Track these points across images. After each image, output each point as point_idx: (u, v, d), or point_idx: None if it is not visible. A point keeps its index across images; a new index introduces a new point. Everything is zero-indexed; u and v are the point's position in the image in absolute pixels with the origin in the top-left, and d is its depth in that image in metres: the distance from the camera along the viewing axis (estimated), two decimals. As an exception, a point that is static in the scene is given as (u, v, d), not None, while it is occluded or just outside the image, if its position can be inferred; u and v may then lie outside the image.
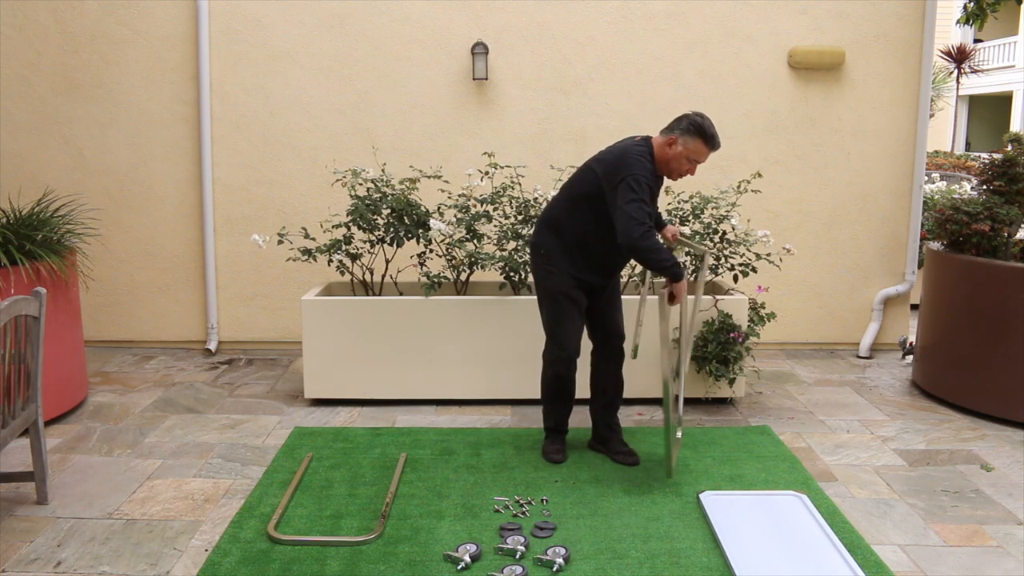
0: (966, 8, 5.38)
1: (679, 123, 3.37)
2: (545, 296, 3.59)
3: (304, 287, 5.48)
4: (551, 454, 3.72)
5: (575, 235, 3.50)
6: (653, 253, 3.29)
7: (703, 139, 3.34)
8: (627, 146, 3.41)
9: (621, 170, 3.30)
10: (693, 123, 3.34)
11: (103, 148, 5.41)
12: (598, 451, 3.81)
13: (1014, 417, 4.22)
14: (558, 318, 3.56)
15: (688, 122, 3.35)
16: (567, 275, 3.51)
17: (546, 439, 3.82)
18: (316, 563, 2.85)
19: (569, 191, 3.55)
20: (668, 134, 3.39)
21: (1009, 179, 4.53)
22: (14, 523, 3.13)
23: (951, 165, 12.48)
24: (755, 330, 4.43)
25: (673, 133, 3.37)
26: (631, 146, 3.40)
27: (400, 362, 4.41)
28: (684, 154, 3.36)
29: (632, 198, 3.25)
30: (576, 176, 3.55)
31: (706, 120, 3.37)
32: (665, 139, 3.39)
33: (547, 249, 3.55)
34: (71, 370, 4.28)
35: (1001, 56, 24.48)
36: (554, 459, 3.70)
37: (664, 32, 5.38)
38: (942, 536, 3.10)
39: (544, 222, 3.61)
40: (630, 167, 3.29)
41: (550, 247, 3.54)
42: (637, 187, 3.26)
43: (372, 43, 5.34)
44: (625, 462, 3.67)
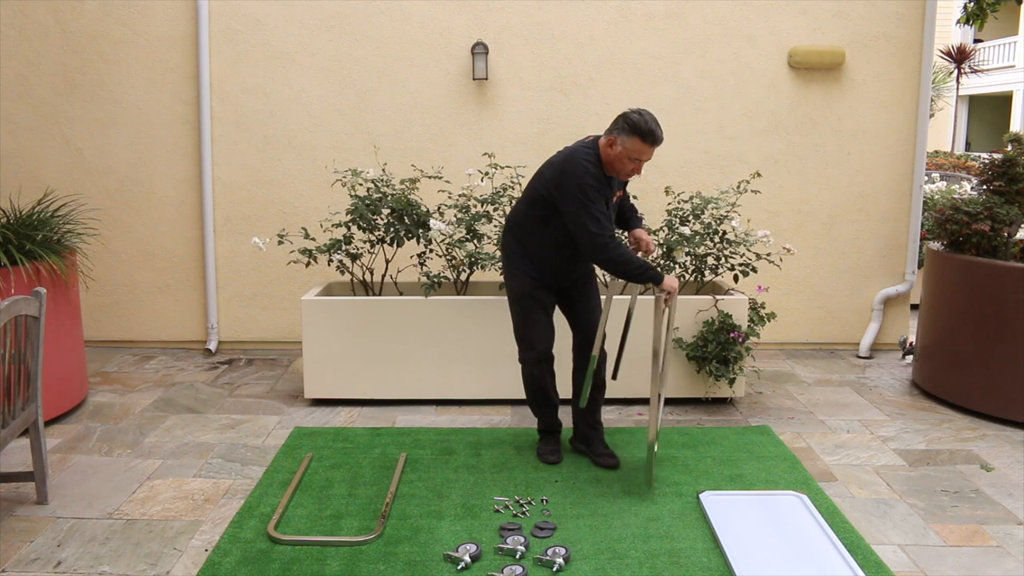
0: (966, 8, 5.38)
1: (617, 123, 3.30)
2: (511, 298, 3.60)
3: (304, 287, 5.48)
4: (546, 455, 3.71)
5: (533, 238, 3.49)
6: (622, 264, 3.26)
7: (640, 136, 3.24)
8: (573, 150, 3.36)
9: (567, 177, 3.27)
10: (629, 121, 3.25)
11: (103, 148, 5.41)
12: (580, 452, 3.78)
13: (1014, 417, 4.22)
14: (523, 319, 3.56)
15: (624, 120, 3.27)
16: (527, 276, 3.50)
17: (540, 441, 3.82)
18: (316, 563, 2.85)
19: (526, 195, 3.53)
20: (608, 134, 3.32)
21: (1009, 179, 4.53)
22: (14, 523, 3.13)
23: (951, 165, 12.48)
24: (755, 330, 4.43)
25: (612, 133, 3.30)
26: (577, 149, 3.36)
27: (400, 362, 4.41)
28: (625, 154, 3.28)
29: (585, 211, 3.22)
30: (532, 181, 3.52)
31: (644, 116, 3.26)
32: (606, 140, 3.32)
33: (509, 251, 3.56)
34: (71, 370, 4.28)
35: (1001, 56, 24.48)
36: (549, 460, 3.69)
37: (664, 32, 5.38)
38: (942, 536, 3.10)
39: (509, 225, 3.60)
40: (575, 174, 3.25)
41: (511, 249, 3.55)
42: (584, 196, 3.22)
43: (372, 43, 5.34)
44: (606, 464, 3.62)
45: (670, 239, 4.43)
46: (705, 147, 5.49)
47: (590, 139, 3.43)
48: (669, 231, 4.54)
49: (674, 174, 5.46)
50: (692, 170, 5.49)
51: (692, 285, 4.67)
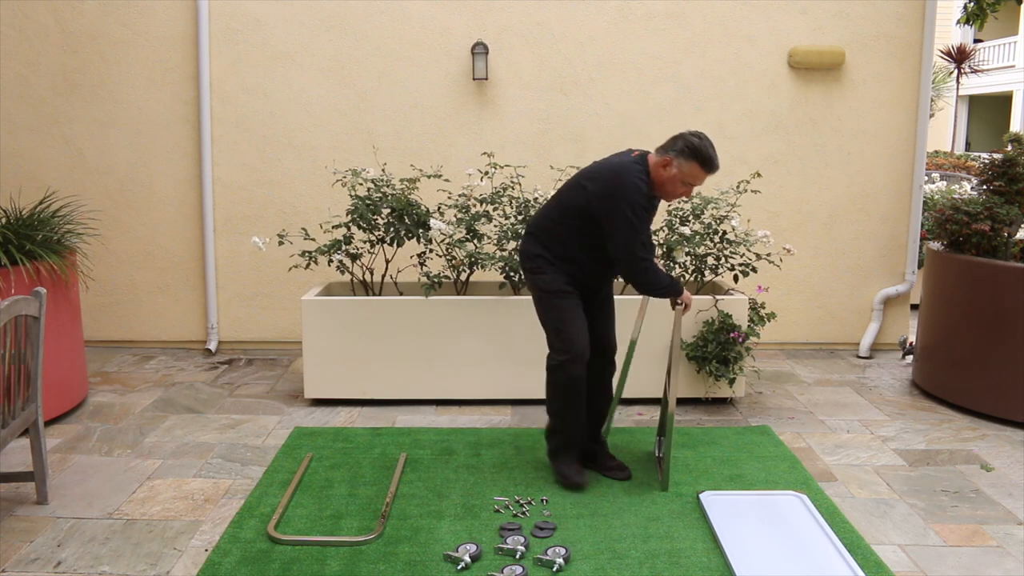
0: (966, 8, 5.38)
1: (675, 143, 3.18)
2: (542, 297, 3.39)
3: (304, 287, 5.48)
4: (575, 476, 3.38)
5: (563, 248, 3.34)
6: (655, 286, 3.23)
7: (699, 162, 3.15)
8: (623, 165, 3.22)
9: (617, 195, 3.13)
10: (689, 144, 3.14)
11: (103, 148, 5.41)
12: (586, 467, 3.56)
13: (1014, 417, 4.22)
14: (560, 315, 3.33)
15: (684, 143, 3.15)
16: (558, 273, 3.35)
17: (562, 460, 3.43)
18: (316, 563, 2.85)
19: (559, 204, 3.38)
20: (663, 154, 3.20)
21: (1009, 179, 4.53)
22: (14, 523, 3.13)
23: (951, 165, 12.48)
24: (755, 330, 4.43)
25: (668, 154, 3.18)
26: (627, 164, 3.21)
27: (400, 362, 4.41)
28: (679, 177, 3.18)
29: (632, 232, 3.12)
30: (566, 190, 3.38)
31: (704, 141, 3.16)
32: (660, 159, 3.20)
33: (533, 255, 3.40)
34: (71, 370, 4.28)
35: (1001, 56, 24.49)
36: (578, 481, 3.38)
37: (664, 32, 5.38)
38: (942, 536, 3.10)
39: (532, 232, 3.45)
40: (626, 193, 3.12)
41: (536, 254, 3.39)
42: (634, 217, 3.12)
43: (372, 43, 5.34)
44: (618, 477, 3.49)
45: (670, 239, 4.43)
46: (705, 147, 5.48)
47: (635, 154, 3.27)
48: (669, 231, 4.54)
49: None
50: (692, 170, 5.48)
51: (692, 285, 4.67)
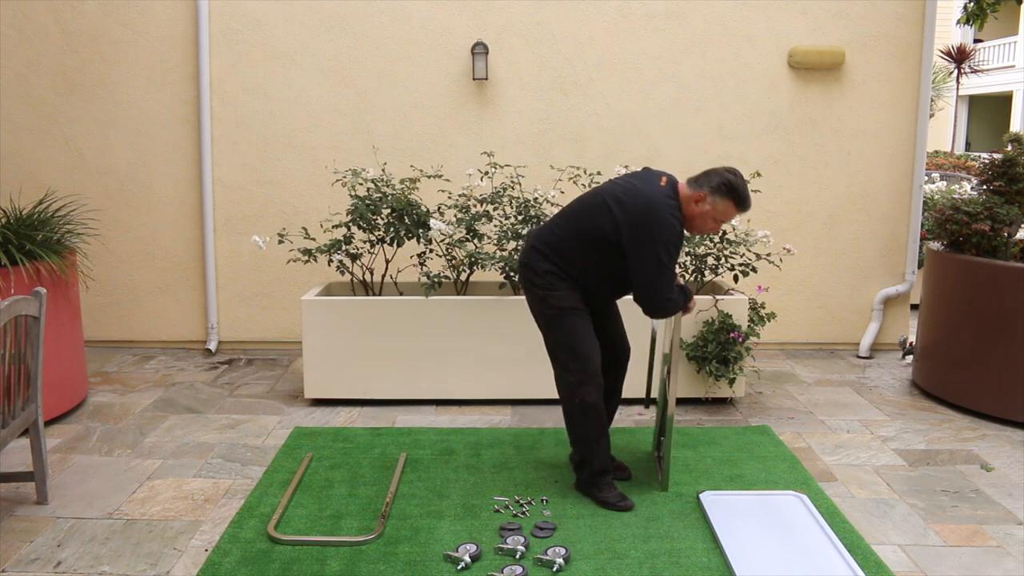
0: (966, 8, 5.38)
1: (710, 179, 3.08)
2: (552, 315, 3.19)
3: (304, 287, 5.48)
4: (621, 502, 3.24)
5: (577, 268, 3.19)
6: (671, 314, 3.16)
7: (734, 201, 3.07)
8: (657, 200, 3.04)
9: (651, 231, 2.99)
10: (726, 182, 3.05)
11: (103, 148, 5.41)
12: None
13: (1014, 417, 4.22)
14: (574, 333, 3.17)
15: (721, 180, 3.06)
16: (569, 290, 3.18)
17: (600, 489, 3.28)
18: (316, 563, 2.85)
19: (577, 223, 3.18)
20: (696, 188, 3.09)
21: (1009, 179, 4.53)
22: (14, 523, 3.13)
23: (951, 165, 12.48)
24: (755, 330, 4.43)
25: (702, 189, 3.07)
26: (662, 200, 3.04)
27: (400, 362, 4.41)
28: (712, 214, 3.09)
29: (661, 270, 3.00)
30: (587, 208, 3.18)
31: (739, 178, 3.09)
32: (693, 193, 3.09)
33: (541, 272, 3.20)
34: (71, 370, 4.28)
35: (1001, 56, 24.49)
36: (627, 505, 3.24)
37: (664, 32, 5.38)
38: (942, 536, 3.10)
39: (540, 248, 3.23)
40: (661, 230, 2.99)
41: (547, 271, 3.20)
42: (667, 256, 3.00)
43: (372, 43, 5.34)
44: (618, 477, 3.46)
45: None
46: (705, 147, 5.49)
47: (664, 181, 3.13)
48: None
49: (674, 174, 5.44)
50: (692, 170, 5.37)
51: (692, 285, 4.67)
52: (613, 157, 5.41)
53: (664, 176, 3.19)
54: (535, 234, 3.32)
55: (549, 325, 3.24)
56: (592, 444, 3.26)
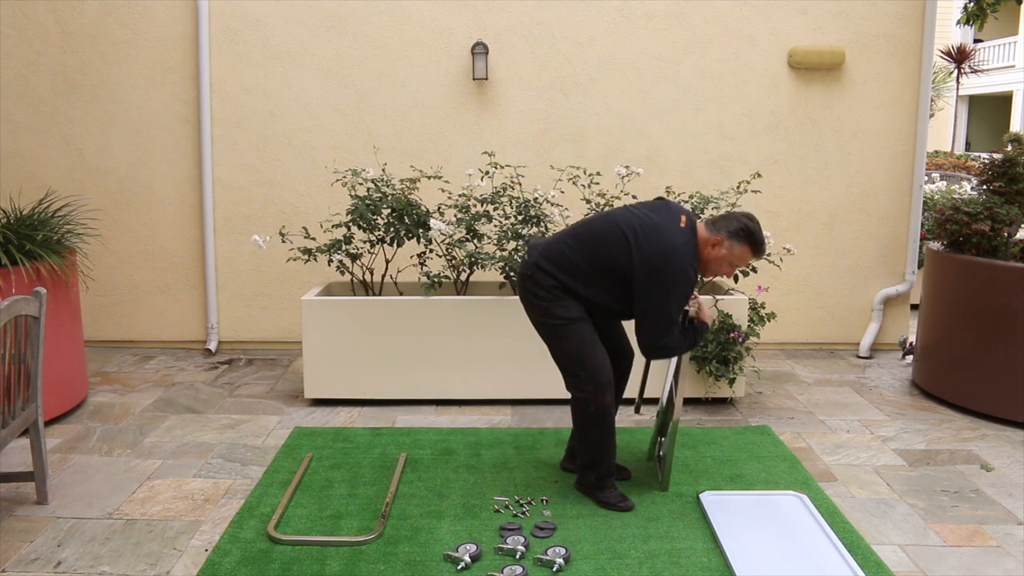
0: (966, 8, 5.38)
1: (728, 224, 3.09)
2: (557, 325, 3.16)
3: (304, 287, 5.48)
4: (622, 503, 3.26)
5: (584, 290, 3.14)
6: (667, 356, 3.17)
7: (751, 247, 3.11)
8: (675, 245, 3.01)
9: (665, 278, 2.99)
10: (744, 228, 3.09)
11: (103, 148, 5.41)
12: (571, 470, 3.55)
13: (1014, 417, 4.22)
14: (582, 344, 3.14)
15: (739, 226, 3.09)
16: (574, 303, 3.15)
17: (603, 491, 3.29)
18: (316, 563, 2.85)
19: (590, 248, 3.12)
20: (714, 232, 3.09)
21: (1009, 179, 4.53)
22: (14, 523, 3.13)
23: (951, 165, 12.48)
24: (755, 330, 4.43)
25: (720, 233, 3.08)
26: (680, 246, 3.01)
27: (400, 362, 4.41)
28: (727, 258, 3.11)
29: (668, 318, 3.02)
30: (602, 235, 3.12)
31: (756, 224, 3.12)
32: (710, 237, 3.09)
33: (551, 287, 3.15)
34: (71, 370, 4.28)
35: (1001, 56, 24.49)
36: (629, 506, 3.25)
37: (664, 32, 5.38)
38: (942, 536, 3.10)
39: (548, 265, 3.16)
40: (676, 278, 2.99)
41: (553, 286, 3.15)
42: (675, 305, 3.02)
43: (372, 43, 5.34)
44: (619, 478, 3.45)
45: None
46: (705, 147, 5.49)
47: (683, 222, 3.08)
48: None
49: (674, 174, 5.46)
50: (692, 170, 5.49)
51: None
52: (613, 157, 5.41)
53: (684, 215, 3.12)
54: (541, 250, 3.22)
55: (554, 336, 3.20)
56: (604, 449, 3.25)
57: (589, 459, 3.30)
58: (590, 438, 3.24)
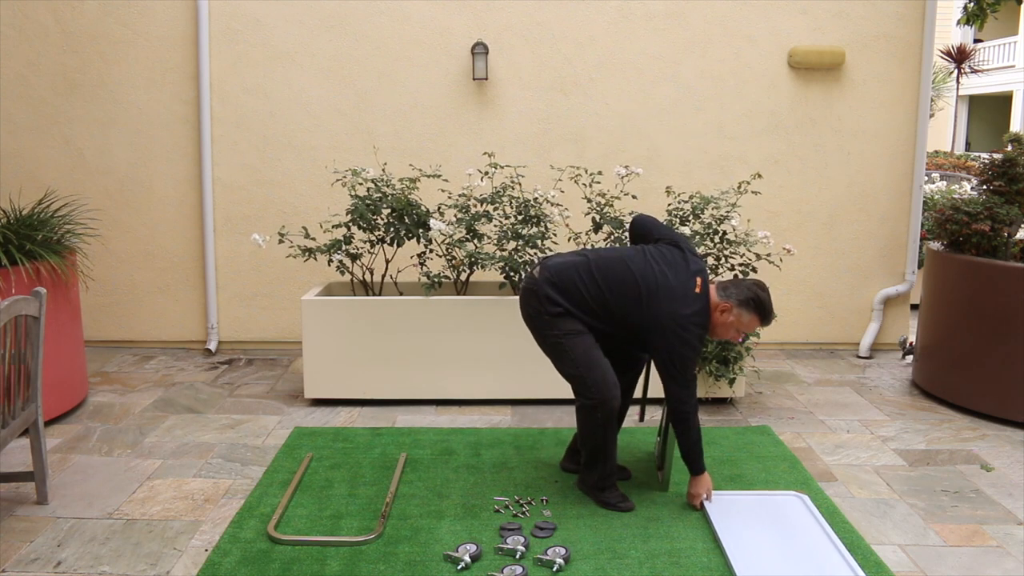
0: (966, 8, 5.38)
1: (739, 291, 3.15)
2: (561, 340, 3.19)
3: (304, 287, 5.48)
4: (623, 503, 3.28)
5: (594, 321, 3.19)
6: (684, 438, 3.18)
7: (760, 316, 3.17)
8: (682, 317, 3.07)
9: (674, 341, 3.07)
10: (754, 297, 3.14)
11: (103, 148, 5.41)
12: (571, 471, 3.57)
13: (1014, 417, 4.22)
14: (586, 357, 3.17)
15: (749, 295, 3.14)
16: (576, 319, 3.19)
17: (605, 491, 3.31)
18: (316, 563, 2.85)
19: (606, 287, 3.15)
20: (724, 298, 3.14)
21: (1009, 179, 4.53)
22: (14, 523, 3.13)
23: (951, 165, 12.48)
24: (755, 330, 4.42)
25: (730, 300, 3.14)
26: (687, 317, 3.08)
27: (400, 362, 4.41)
28: (735, 324, 3.17)
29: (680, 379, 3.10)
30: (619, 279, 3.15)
31: (766, 294, 3.17)
32: (720, 303, 3.14)
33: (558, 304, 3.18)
34: (71, 370, 4.28)
35: (1001, 56, 24.49)
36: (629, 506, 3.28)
37: (664, 32, 5.38)
38: (942, 536, 3.10)
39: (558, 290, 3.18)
40: (683, 342, 3.07)
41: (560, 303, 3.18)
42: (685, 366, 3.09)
43: (372, 43, 5.34)
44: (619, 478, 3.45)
45: (670, 239, 4.43)
46: (705, 147, 5.49)
47: (699, 287, 3.12)
48: (669, 231, 4.54)
49: (674, 174, 5.46)
50: (692, 170, 5.49)
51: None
52: (613, 157, 5.41)
53: (699, 277, 3.15)
54: (552, 272, 3.22)
55: (557, 349, 3.22)
56: (608, 450, 3.27)
57: (591, 459, 3.31)
58: (595, 441, 3.25)
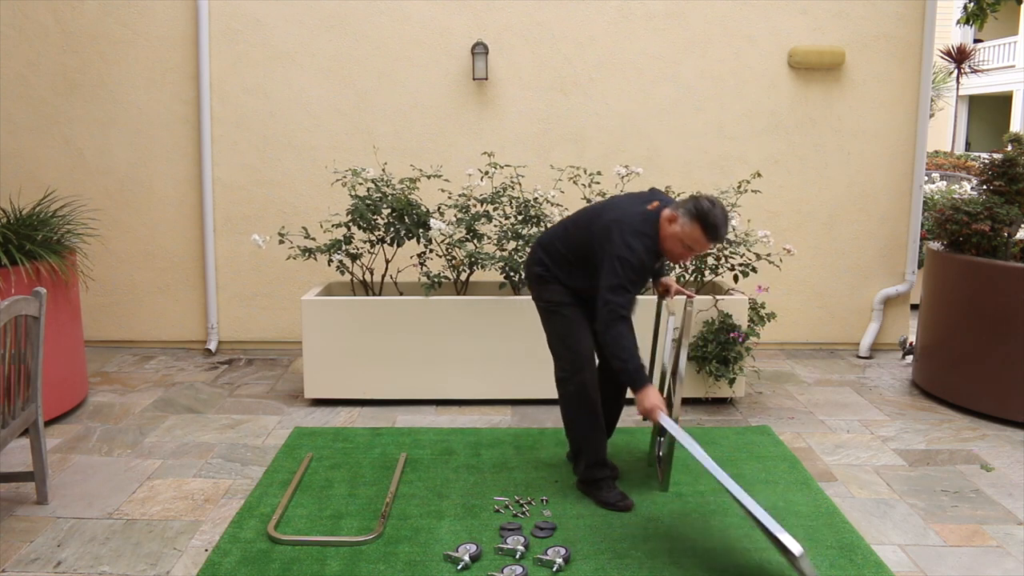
0: (966, 8, 5.38)
1: (687, 202, 3.03)
2: (546, 311, 3.34)
3: (304, 287, 5.48)
4: (621, 502, 3.25)
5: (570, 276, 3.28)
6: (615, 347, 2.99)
7: (702, 227, 2.98)
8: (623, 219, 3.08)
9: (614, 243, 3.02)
10: (697, 207, 2.98)
11: (103, 148, 5.41)
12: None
13: (1014, 417, 4.22)
14: (565, 327, 3.28)
15: (694, 204, 3.00)
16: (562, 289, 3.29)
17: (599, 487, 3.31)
18: (316, 563, 2.85)
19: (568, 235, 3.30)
20: (674, 209, 3.06)
21: (1009, 179, 4.53)
22: (14, 523, 3.13)
23: (951, 165, 12.48)
24: (755, 330, 4.43)
25: (677, 210, 3.03)
26: (628, 219, 3.07)
27: (400, 362, 4.41)
28: (680, 235, 3.02)
29: (614, 282, 3.00)
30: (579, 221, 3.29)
31: (716, 208, 2.97)
32: (669, 214, 3.06)
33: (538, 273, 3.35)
34: (71, 370, 4.28)
35: (1001, 56, 24.49)
36: (627, 505, 3.26)
37: (664, 32, 5.38)
38: (942, 536, 3.10)
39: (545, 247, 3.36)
40: (624, 244, 3.01)
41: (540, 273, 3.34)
42: (621, 269, 3.00)
43: (372, 43, 5.34)
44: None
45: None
46: (705, 147, 5.49)
47: (653, 206, 3.13)
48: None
49: (674, 174, 5.46)
50: (692, 170, 5.49)
51: (692, 285, 4.67)
52: (613, 157, 5.41)
53: (656, 201, 3.16)
54: (541, 239, 3.44)
55: (545, 317, 3.38)
56: (587, 433, 3.30)
57: (575, 444, 3.39)
58: (571, 417, 3.34)
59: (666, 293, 3.48)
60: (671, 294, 3.45)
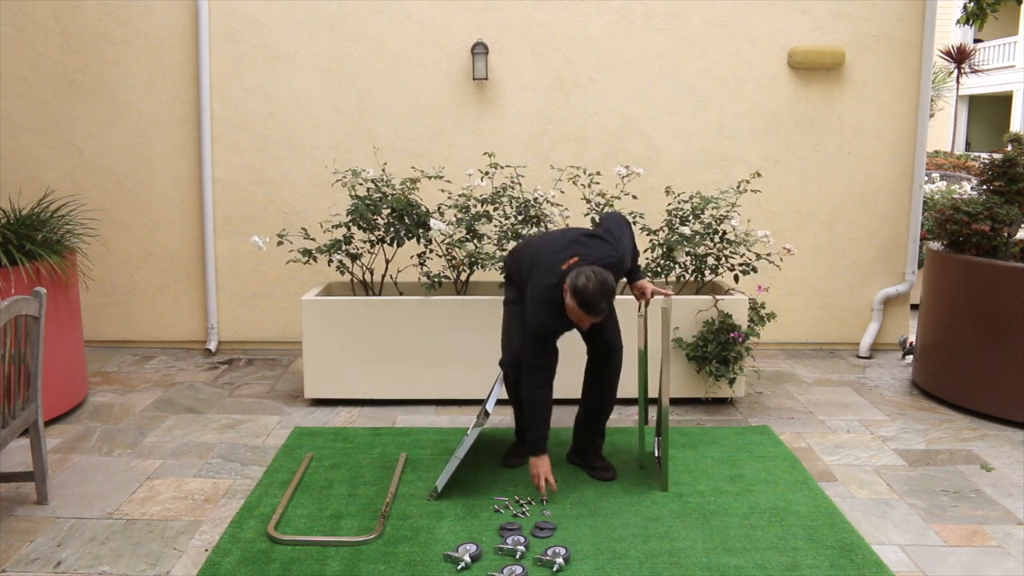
0: (966, 8, 5.38)
1: (574, 276, 3.05)
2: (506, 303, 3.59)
3: (304, 287, 5.48)
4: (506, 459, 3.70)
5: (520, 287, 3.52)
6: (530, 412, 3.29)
7: (577, 303, 3.04)
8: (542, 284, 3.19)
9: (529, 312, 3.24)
10: (574, 283, 3.03)
11: (103, 148, 5.41)
12: (575, 464, 3.66)
13: (1014, 417, 4.22)
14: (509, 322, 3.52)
15: (572, 279, 3.04)
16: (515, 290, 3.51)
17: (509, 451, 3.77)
18: (316, 563, 2.85)
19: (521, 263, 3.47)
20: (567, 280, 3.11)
21: (1009, 179, 4.53)
22: (14, 523, 3.13)
23: (951, 165, 12.48)
24: (755, 330, 4.43)
25: (567, 282, 3.08)
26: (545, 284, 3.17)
27: (400, 362, 4.41)
28: (570, 307, 3.10)
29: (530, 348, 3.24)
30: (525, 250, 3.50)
31: (591, 283, 2.98)
32: (566, 285, 3.10)
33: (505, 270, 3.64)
34: (71, 370, 4.28)
35: (1001, 56, 24.49)
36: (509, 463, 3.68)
37: (664, 32, 5.38)
38: (942, 536, 3.10)
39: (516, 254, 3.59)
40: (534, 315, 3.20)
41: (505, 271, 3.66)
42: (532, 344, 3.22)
43: (372, 43, 5.34)
44: (602, 477, 3.51)
45: (670, 239, 4.43)
46: (705, 147, 5.49)
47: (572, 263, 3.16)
48: (669, 231, 4.54)
49: (674, 174, 5.46)
50: (692, 170, 5.49)
51: (692, 285, 4.67)
52: (613, 157, 5.41)
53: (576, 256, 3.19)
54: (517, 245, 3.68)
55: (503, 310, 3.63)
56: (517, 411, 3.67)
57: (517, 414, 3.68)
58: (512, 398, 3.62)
59: (643, 296, 3.51)
60: (648, 296, 3.48)
